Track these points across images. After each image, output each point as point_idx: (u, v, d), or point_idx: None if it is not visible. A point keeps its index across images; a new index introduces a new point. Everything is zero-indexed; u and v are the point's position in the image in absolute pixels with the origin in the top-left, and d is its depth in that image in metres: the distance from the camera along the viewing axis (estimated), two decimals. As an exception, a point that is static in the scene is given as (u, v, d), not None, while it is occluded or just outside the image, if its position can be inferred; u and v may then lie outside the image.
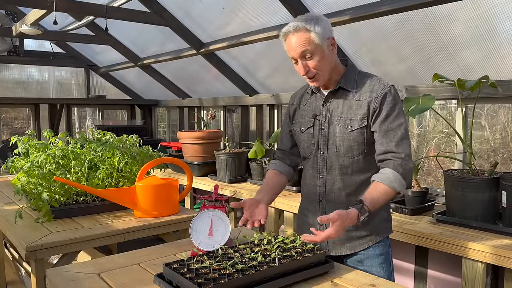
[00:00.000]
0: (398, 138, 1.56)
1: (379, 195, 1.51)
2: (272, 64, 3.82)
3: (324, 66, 1.59)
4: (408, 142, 1.59)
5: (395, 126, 1.57)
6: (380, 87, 1.60)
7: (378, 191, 1.52)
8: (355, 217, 1.44)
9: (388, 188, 1.52)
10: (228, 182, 3.55)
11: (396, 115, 1.58)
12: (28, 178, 2.22)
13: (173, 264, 1.36)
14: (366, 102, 1.59)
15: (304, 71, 1.59)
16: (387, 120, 1.57)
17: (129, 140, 2.80)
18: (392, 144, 1.56)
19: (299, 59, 1.58)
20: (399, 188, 1.54)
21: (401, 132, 1.57)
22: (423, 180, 3.19)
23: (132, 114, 6.29)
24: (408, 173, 1.56)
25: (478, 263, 1.94)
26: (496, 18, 2.24)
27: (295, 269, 1.37)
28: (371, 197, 1.50)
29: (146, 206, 2.23)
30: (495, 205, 2.15)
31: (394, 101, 1.59)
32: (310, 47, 1.55)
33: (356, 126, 1.60)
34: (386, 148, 1.57)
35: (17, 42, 5.39)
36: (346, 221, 1.42)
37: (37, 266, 1.87)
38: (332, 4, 2.72)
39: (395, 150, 1.56)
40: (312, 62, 1.57)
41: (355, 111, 1.61)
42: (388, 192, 1.53)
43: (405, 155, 1.55)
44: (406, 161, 1.55)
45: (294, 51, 1.57)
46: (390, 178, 1.53)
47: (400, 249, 2.86)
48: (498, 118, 2.88)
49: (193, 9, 3.60)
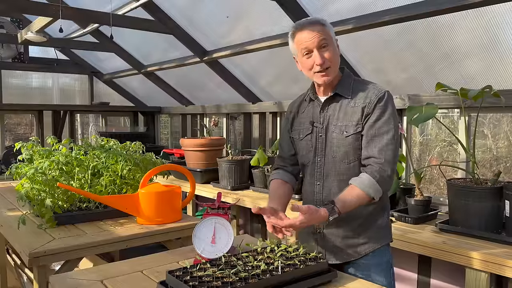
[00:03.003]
0: (382, 144, 1.56)
1: (351, 199, 1.53)
2: (274, 72, 3.84)
3: (336, 60, 1.63)
4: (393, 148, 1.58)
5: (382, 132, 1.57)
6: (375, 93, 1.61)
7: (351, 195, 1.54)
8: (324, 216, 1.47)
9: (362, 193, 1.53)
10: (231, 190, 3.55)
11: (385, 121, 1.58)
12: (32, 184, 2.22)
13: (176, 271, 1.36)
14: (361, 107, 1.60)
15: (321, 61, 1.59)
16: (375, 125, 1.58)
17: (132, 147, 2.81)
18: (376, 150, 1.57)
19: (316, 49, 1.58)
20: (373, 194, 1.54)
21: (387, 139, 1.57)
22: (426, 188, 3.18)
23: (135, 121, 6.31)
24: (385, 180, 1.56)
25: (482, 273, 1.93)
26: (499, 28, 2.25)
27: (298, 277, 1.36)
28: (343, 199, 1.52)
29: (149, 213, 2.23)
30: (499, 215, 2.15)
31: (385, 106, 1.59)
32: (328, 38, 1.59)
33: (351, 132, 1.61)
34: (368, 153, 1.58)
35: (22, 48, 5.43)
36: (314, 217, 1.45)
37: (40, 273, 1.86)
38: (335, 13, 2.74)
39: (377, 155, 1.56)
40: (328, 53, 1.59)
41: (350, 117, 1.62)
42: (362, 197, 1.54)
43: (384, 161, 1.55)
44: (385, 167, 1.55)
45: (310, 40, 1.58)
46: (365, 183, 1.54)
47: (403, 258, 2.85)
48: (501, 127, 2.88)
49: (197, 17, 3.63)
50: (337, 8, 2.72)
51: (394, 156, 1.58)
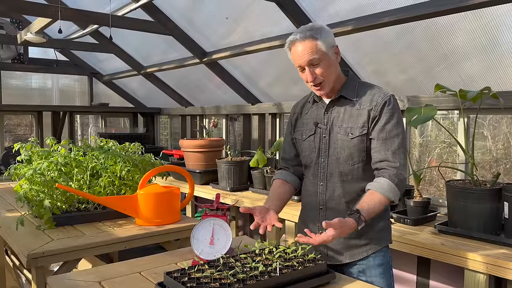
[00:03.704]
0: (395, 147, 1.59)
1: (374, 205, 1.53)
2: (274, 73, 3.84)
3: (330, 73, 1.63)
4: (404, 151, 1.61)
5: (393, 135, 1.59)
6: (381, 96, 1.62)
7: (374, 200, 1.54)
8: (352, 227, 1.46)
9: (383, 197, 1.55)
10: (230, 191, 3.55)
11: (394, 124, 1.60)
12: (30, 185, 2.22)
13: (174, 273, 1.35)
14: (367, 110, 1.62)
15: (312, 78, 1.61)
16: (385, 128, 1.60)
17: (132, 148, 2.81)
18: (389, 153, 1.58)
19: (307, 67, 1.60)
20: (393, 197, 1.56)
21: (398, 142, 1.59)
22: (425, 190, 3.18)
23: (134, 122, 6.31)
24: (402, 183, 1.59)
25: (480, 275, 1.93)
26: (498, 29, 2.25)
27: (296, 279, 1.36)
28: (367, 206, 1.52)
29: (147, 214, 2.23)
30: (498, 216, 2.15)
31: (393, 109, 1.61)
32: (318, 55, 1.58)
33: (357, 134, 1.62)
34: (382, 157, 1.59)
35: (22, 49, 5.43)
36: (344, 229, 1.44)
37: (38, 274, 1.86)
38: (335, 15, 2.74)
39: (391, 159, 1.58)
40: (319, 70, 1.60)
41: (356, 119, 1.63)
42: (383, 202, 1.55)
43: (400, 164, 1.58)
44: (401, 171, 1.58)
45: (301, 59, 1.60)
46: (385, 188, 1.55)
47: (402, 260, 2.85)
48: (501, 128, 2.88)
49: (197, 18, 3.63)
50: (336, 10, 2.72)
51: (405, 157, 1.62)
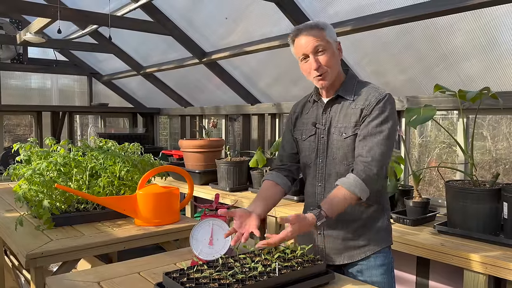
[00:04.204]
0: (372, 144, 1.55)
1: (338, 200, 1.51)
2: (273, 74, 3.84)
3: (333, 64, 1.62)
4: (383, 148, 1.55)
5: (375, 132, 1.56)
6: (375, 96, 1.60)
7: (338, 196, 1.52)
8: (312, 222, 1.45)
9: (348, 192, 1.51)
10: (229, 191, 3.55)
11: (380, 122, 1.57)
12: (30, 186, 2.22)
13: (173, 273, 1.35)
14: (360, 109, 1.61)
15: (316, 66, 1.59)
16: (369, 125, 1.57)
17: (131, 148, 2.80)
18: (365, 149, 1.56)
19: (311, 54, 1.59)
20: (359, 193, 1.52)
21: (378, 139, 1.55)
22: (424, 190, 3.18)
23: (134, 122, 6.31)
24: (371, 178, 1.53)
25: (480, 275, 1.93)
26: (497, 29, 2.25)
27: (295, 279, 1.36)
28: (330, 202, 1.51)
29: (146, 214, 2.23)
30: (497, 217, 2.14)
31: (383, 108, 1.58)
32: (324, 42, 1.59)
33: (350, 133, 1.61)
34: (357, 153, 1.58)
35: (21, 49, 5.43)
36: (303, 225, 1.43)
37: (37, 274, 1.86)
38: (334, 15, 2.74)
39: (364, 154, 1.55)
40: (324, 58, 1.59)
41: (349, 119, 1.62)
42: (348, 197, 1.52)
43: (372, 160, 1.53)
44: (372, 166, 1.53)
45: (306, 46, 1.59)
46: (350, 183, 1.52)
47: (401, 260, 2.84)
48: (500, 128, 2.88)
49: (196, 18, 3.63)
50: (336, 10, 2.73)
51: (382, 154, 1.55)
